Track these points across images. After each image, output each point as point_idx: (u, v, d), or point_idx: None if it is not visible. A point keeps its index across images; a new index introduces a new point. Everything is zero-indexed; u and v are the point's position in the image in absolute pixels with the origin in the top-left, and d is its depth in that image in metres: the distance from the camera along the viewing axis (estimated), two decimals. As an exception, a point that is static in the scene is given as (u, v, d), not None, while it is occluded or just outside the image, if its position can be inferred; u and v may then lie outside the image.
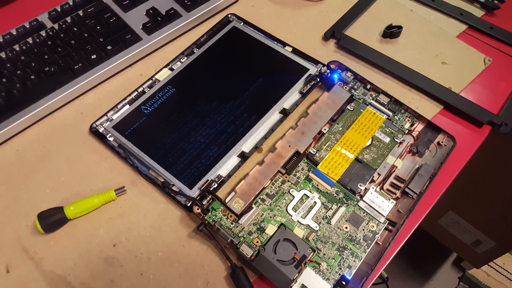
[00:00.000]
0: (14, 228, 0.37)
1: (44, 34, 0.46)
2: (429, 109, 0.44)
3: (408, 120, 0.42)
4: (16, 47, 0.45)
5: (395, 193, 0.38)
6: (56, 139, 0.42)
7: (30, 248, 0.36)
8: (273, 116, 0.42)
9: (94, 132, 0.42)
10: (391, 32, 0.49)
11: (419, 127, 0.42)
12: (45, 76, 0.43)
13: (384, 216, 0.37)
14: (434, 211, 0.81)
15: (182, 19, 0.49)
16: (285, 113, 0.43)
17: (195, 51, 0.47)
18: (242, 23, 0.50)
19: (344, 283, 0.33)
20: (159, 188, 0.38)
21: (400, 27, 0.49)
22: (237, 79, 0.45)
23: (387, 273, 0.98)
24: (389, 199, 0.38)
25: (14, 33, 0.46)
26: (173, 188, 0.38)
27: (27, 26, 0.47)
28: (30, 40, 0.46)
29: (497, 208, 0.69)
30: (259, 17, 0.51)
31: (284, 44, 0.48)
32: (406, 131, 0.42)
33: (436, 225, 0.84)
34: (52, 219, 0.35)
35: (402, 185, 0.38)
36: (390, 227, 0.36)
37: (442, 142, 0.41)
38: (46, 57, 0.44)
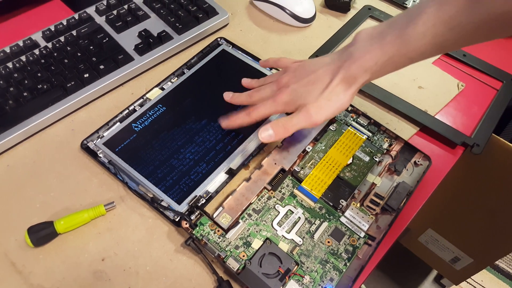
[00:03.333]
0: (3, 242, 0.37)
1: (37, 53, 0.48)
2: (406, 130, 0.47)
3: (387, 141, 0.45)
4: (10, 65, 0.46)
5: (374, 209, 0.40)
6: (47, 155, 0.43)
7: (19, 262, 0.36)
8: (259, 135, 0.44)
9: (85, 148, 0.43)
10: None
11: (397, 147, 0.44)
12: (37, 93, 0.44)
13: (364, 231, 0.39)
14: (414, 229, 0.84)
15: (173, 41, 0.51)
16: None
17: (185, 71, 0.49)
18: (231, 47, 0.52)
19: (326, 295, 0.35)
20: (148, 203, 0.39)
21: (379, 53, 0.52)
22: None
23: (369, 290, 0.99)
24: (369, 215, 0.40)
25: (8, 51, 0.47)
26: (162, 203, 0.39)
27: (21, 45, 0.48)
28: (23, 58, 0.47)
29: (473, 225, 0.72)
30: (247, 41, 0.54)
31: (271, 68, 0.50)
32: (385, 151, 0.44)
33: (417, 242, 0.86)
34: (41, 234, 0.36)
35: (381, 202, 0.40)
36: (369, 242, 0.38)
37: (418, 161, 0.43)
38: (39, 74, 0.45)
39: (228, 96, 0.45)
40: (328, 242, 0.38)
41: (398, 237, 0.40)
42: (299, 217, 0.39)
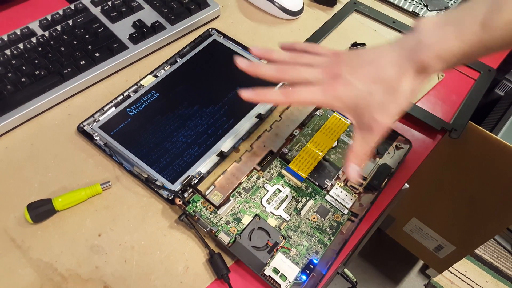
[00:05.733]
0: (2, 219, 0.38)
1: (34, 41, 0.49)
2: (389, 116, 0.50)
3: (370, 125, 0.47)
4: (8, 52, 0.48)
5: (357, 189, 0.42)
6: (44, 138, 0.44)
7: (18, 238, 0.38)
8: (250, 120, 0.46)
9: (81, 131, 0.44)
10: (356, 49, 0.55)
11: (379, 131, 0.47)
12: (35, 79, 0.46)
13: (347, 208, 0.41)
14: (399, 219, 0.86)
15: (166, 31, 0.53)
16: (260, 117, 0.47)
17: (178, 60, 0.51)
18: (222, 37, 0.54)
19: (311, 266, 0.37)
20: (142, 183, 0.41)
21: (364, 45, 0.55)
22: (216, 86, 0.49)
23: (356, 278, 1.02)
24: (352, 194, 0.42)
25: (6, 38, 0.49)
26: (156, 183, 0.41)
27: (18, 33, 0.49)
28: (21, 45, 0.48)
29: (454, 213, 0.75)
30: (237, 32, 0.56)
31: (260, 57, 0.52)
32: (368, 135, 0.46)
33: (402, 232, 0.89)
34: (40, 210, 0.38)
35: (364, 182, 0.43)
36: (353, 218, 0.40)
37: (399, 145, 0.46)
38: (36, 61, 0.47)
39: (243, 63, 0.35)
40: (314, 218, 0.40)
41: (383, 227, 0.42)
42: (287, 195, 0.41)
